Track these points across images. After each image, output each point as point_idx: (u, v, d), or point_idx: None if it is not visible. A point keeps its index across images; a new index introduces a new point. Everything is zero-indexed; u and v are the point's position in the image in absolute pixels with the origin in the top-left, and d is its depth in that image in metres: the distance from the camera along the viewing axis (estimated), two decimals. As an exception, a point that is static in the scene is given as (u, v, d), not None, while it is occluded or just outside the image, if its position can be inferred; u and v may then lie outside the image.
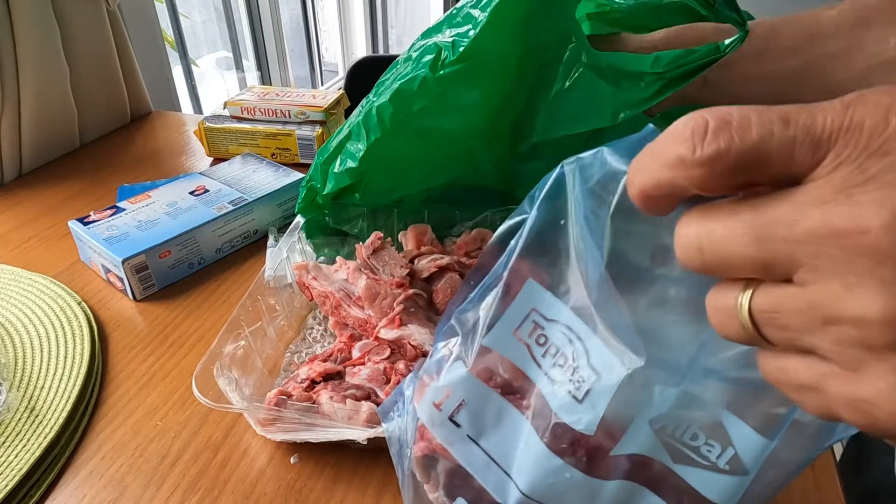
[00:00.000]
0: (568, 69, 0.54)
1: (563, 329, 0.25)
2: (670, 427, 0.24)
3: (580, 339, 0.24)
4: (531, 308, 0.26)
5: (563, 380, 0.25)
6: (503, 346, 0.27)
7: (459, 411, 0.28)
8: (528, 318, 0.26)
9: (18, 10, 0.76)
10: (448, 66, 0.50)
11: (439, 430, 0.29)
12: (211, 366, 0.42)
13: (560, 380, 0.25)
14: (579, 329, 0.24)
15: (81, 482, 0.42)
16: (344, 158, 0.55)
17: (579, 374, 0.24)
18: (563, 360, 0.25)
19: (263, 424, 0.41)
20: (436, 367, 0.30)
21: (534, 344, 0.26)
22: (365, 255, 0.52)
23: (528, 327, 0.26)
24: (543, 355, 0.26)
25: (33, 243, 0.68)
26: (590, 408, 0.24)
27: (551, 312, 0.26)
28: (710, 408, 0.23)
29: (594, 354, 0.24)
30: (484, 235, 0.59)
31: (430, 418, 0.29)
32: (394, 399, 0.34)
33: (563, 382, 0.25)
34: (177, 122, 1.00)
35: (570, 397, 0.24)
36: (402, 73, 0.52)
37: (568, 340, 0.25)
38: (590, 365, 0.24)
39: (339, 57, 2.42)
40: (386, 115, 0.52)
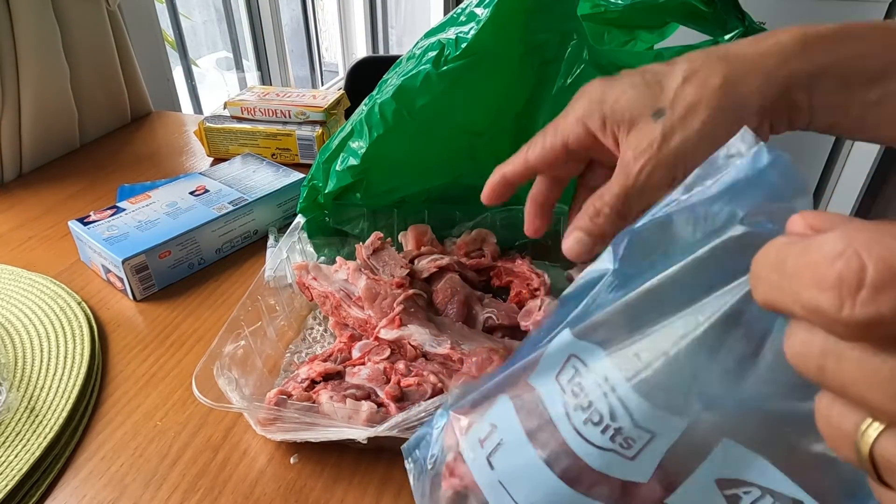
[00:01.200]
0: (570, 66, 0.54)
1: (600, 383, 0.23)
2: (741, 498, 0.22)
3: (620, 398, 0.22)
4: (570, 354, 0.24)
5: (600, 442, 0.23)
6: (545, 388, 0.25)
7: (496, 452, 0.26)
8: (568, 364, 0.24)
9: (18, 10, 0.76)
10: (451, 62, 0.50)
11: (477, 469, 0.27)
12: (211, 366, 0.42)
13: (597, 442, 0.23)
14: (620, 386, 0.22)
15: (81, 482, 0.42)
16: (346, 156, 0.55)
17: (625, 436, 0.22)
18: (598, 417, 0.23)
19: (263, 424, 0.41)
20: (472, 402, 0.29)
21: (569, 394, 0.24)
22: (365, 256, 0.52)
23: (569, 373, 0.24)
24: (575, 409, 0.23)
25: (33, 243, 0.68)
26: (644, 462, 0.22)
27: (591, 360, 0.23)
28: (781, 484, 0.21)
29: (641, 416, 0.22)
30: (484, 236, 0.59)
31: (472, 455, 0.28)
32: (421, 435, 0.32)
33: (601, 444, 0.23)
34: (177, 123, 1.00)
35: (616, 456, 0.22)
36: (405, 71, 0.52)
37: (604, 397, 0.22)
38: (638, 427, 0.22)
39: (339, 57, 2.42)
40: (388, 111, 0.52)
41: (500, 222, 0.60)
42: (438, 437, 0.30)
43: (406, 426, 0.38)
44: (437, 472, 0.30)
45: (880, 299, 0.12)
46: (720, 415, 0.21)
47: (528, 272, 0.55)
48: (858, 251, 0.12)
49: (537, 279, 0.54)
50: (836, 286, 0.13)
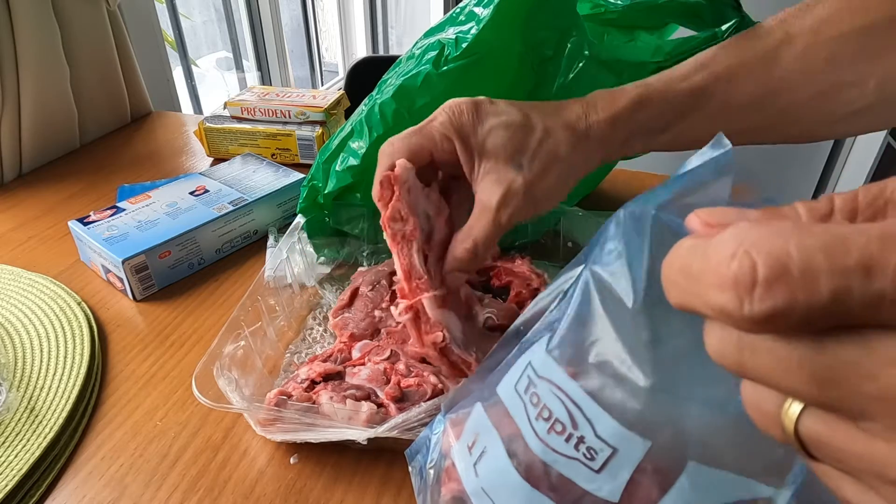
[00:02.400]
0: (571, 62, 0.54)
1: (556, 391, 0.23)
2: None
3: (578, 406, 0.22)
4: (528, 362, 0.24)
5: (566, 450, 0.22)
6: (507, 398, 0.25)
7: (481, 460, 0.26)
8: (524, 373, 0.24)
9: (18, 10, 0.76)
10: (451, 61, 0.50)
11: (465, 476, 0.27)
12: (211, 366, 0.42)
13: (562, 449, 0.22)
14: (576, 395, 0.22)
15: (81, 482, 0.42)
16: (346, 156, 0.55)
17: (588, 445, 0.22)
18: (560, 427, 0.22)
19: (263, 424, 0.41)
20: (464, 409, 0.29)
21: (528, 403, 0.24)
22: None
23: (525, 382, 0.24)
24: (536, 418, 0.23)
25: (33, 243, 0.68)
26: (610, 478, 0.22)
27: (545, 371, 0.23)
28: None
29: (600, 426, 0.22)
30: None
31: (462, 462, 0.28)
32: (422, 440, 0.32)
33: (568, 451, 0.22)
34: (177, 123, 1.00)
35: (582, 466, 0.22)
36: (404, 71, 0.52)
37: (563, 406, 0.22)
38: (598, 437, 0.22)
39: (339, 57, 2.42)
40: (388, 111, 0.52)
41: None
42: (437, 443, 0.30)
43: (406, 427, 0.38)
44: (438, 478, 0.30)
45: (773, 294, 0.13)
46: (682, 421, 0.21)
47: (528, 272, 0.55)
48: (749, 250, 0.13)
49: (537, 279, 0.54)
50: (733, 286, 0.13)
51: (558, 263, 0.60)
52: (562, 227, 0.59)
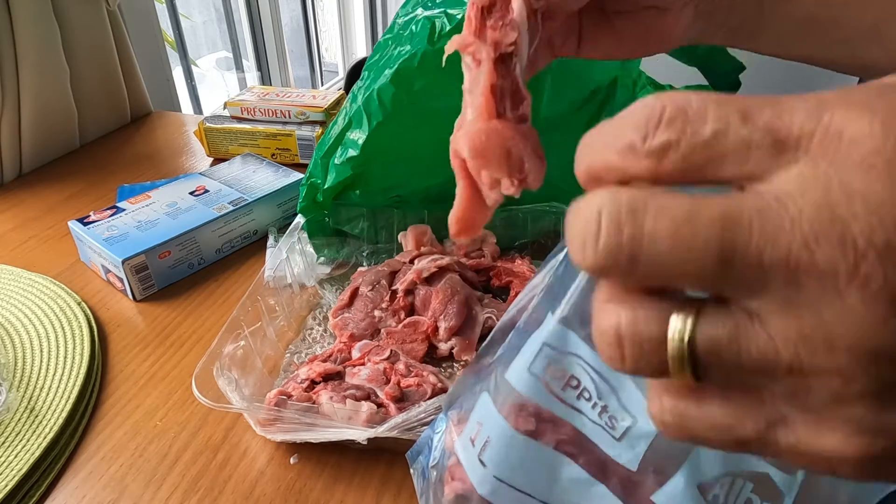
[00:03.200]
0: None
1: (581, 363, 0.23)
2: (720, 493, 0.22)
3: (602, 376, 0.23)
4: (542, 343, 0.24)
5: (592, 415, 0.23)
6: (521, 382, 0.25)
7: (485, 450, 0.27)
8: (540, 354, 0.24)
9: (18, 10, 0.76)
10: (445, 35, 0.49)
11: (471, 469, 0.28)
12: (211, 366, 0.42)
13: (589, 414, 0.23)
14: (600, 365, 0.23)
15: (81, 482, 0.42)
16: (345, 148, 0.55)
17: (610, 414, 0.23)
18: (588, 395, 0.23)
19: (263, 425, 0.41)
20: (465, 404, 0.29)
21: (550, 379, 0.24)
22: None
23: (542, 363, 0.24)
24: (563, 388, 0.24)
25: (33, 243, 0.68)
26: (629, 447, 0.23)
27: (568, 346, 0.24)
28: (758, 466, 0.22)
29: (624, 395, 0.22)
30: (484, 236, 0.59)
31: (466, 456, 0.28)
32: (423, 440, 0.32)
33: (594, 417, 0.23)
34: (177, 123, 1.00)
35: (605, 433, 0.23)
36: (393, 54, 0.51)
37: (588, 376, 0.23)
38: (622, 405, 0.22)
39: (339, 57, 2.42)
40: (387, 97, 0.51)
41: (500, 222, 0.60)
42: (440, 442, 0.30)
43: (406, 427, 0.38)
44: (440, 477, 0.30)
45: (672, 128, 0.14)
46: None
47: (528, 272, 0.55)
48: (662, 99, 0.15)
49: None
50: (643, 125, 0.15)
51: (558, 263, 0.60)
52: (562, 228, 0.59)
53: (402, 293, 0.52)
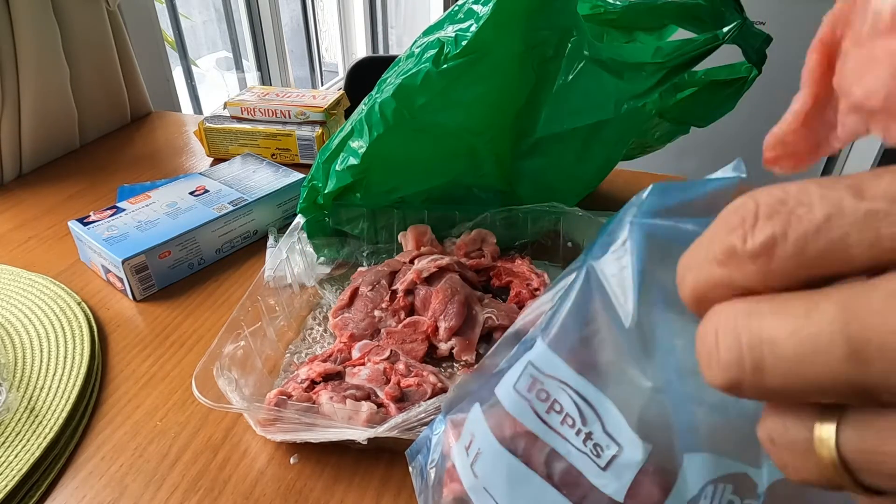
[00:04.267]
0: (570, 62, 0.54)
1: (565, 388, 0.23)
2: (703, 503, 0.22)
3: (587, 401, 0.22)
4: (528, 362, 0.24)
5: (577, 443, 0.23)
6: (507, 399, 0.25)
7: (476, 461, 0.27)
8: (524, 373, 0.24)
9: (18, 10, 0.76)
10: (451, 59, 0.50)
11: (465, 477, 0.27)
12: (211, 366, 0.42)
13: (574, 441, 0.23)
14: (585, 390, 0.22)
15: (81, 482, 0.42)
16: (346, 156, 0.55)
17: (595, 442, 0.22)
18: (571, 421, 0.23)
19: (263, 425, 0.41)
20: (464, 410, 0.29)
21: (535, 400, 0.24)
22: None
23: (526, 381, 0.24)
24: (547, 412, 0.23)
25: (33, 243, 0.68)
26: (615, 477, 0.22)
27: (549, 368, 0.23)
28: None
29: (610, 423, 0.22)
30: (484, 236, 0.59)
31: (461, 463, 0.28)
32: (422, 440, 0.32)
33: (578, 445, 0.23)
34: (177, 123, 1.00)
35: (591, 462, 0.23)
36: (404, 70, 0.52)
37: (572, 401, 0.23)
38: (606, 433, 0.22)
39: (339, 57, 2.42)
40: (388, 110, 0.52)
41: (500, 222, 0.60)
42: (438, 443, 0.30)
43: (406, 427, 0.38)
44: (439, 478, 0.30)
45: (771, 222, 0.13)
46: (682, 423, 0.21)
47: (528, 272, 0.55)
48: (753, 195, 0.13)
49: (537, 279, 0.54)
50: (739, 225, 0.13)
51: (558, 263, 0.60)
52: (561, 227, 0.59)
53: (402, 293, 0.52)
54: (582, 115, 0.55)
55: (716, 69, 0.60)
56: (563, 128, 0.56)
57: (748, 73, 0.57)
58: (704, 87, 0.59)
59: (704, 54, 0.52)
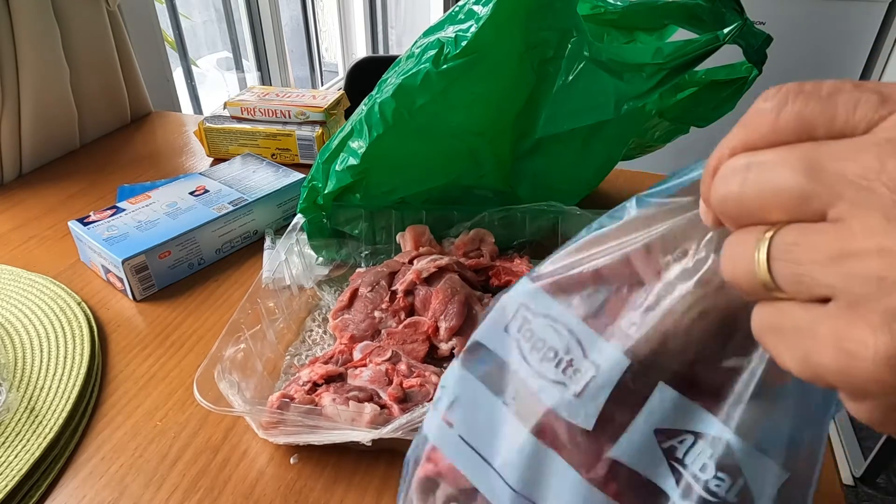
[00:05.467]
0: (570, 63, 0.54)
1: (552, 323, 0.24)
2: (678, 448, 0.23)
3: (573, 332, 0.24)
4: (520, 303, 0.26)
5: (554, 376, 0.24)
6: (493, 341, 0.26)
7: (452, 409, 0.27)
8: (517, 314, 0.25)
9: (18, 10, 0.76)
10: (451, 60, 0.50)
11: (437, 436, 0.28)
12: (212, 369, 0.42)
13: (551, 376, 0.24)
14: (573, 323, 0.24)
15: (81, 482, 0.42)
16: (346, 156, 0.55)
17: (575, 367, 0.23)
18: (553, 353, 0.24)
19: (266, 428, 0.41)
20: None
21: (521, 339, 0.25)
22: None
23: (517, 322, 0.25)
24: (531, 350, 0.25)
25: (33, 243, 0.68)
26: (589, 400, 0.23)
27: (542, 307, 0.25)
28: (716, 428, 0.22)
29: (593, 350, 0.23)
30: (482, 236, 0.59)
31: (434, 427, 0.28)
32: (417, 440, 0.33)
33: (555, 377, 0.24)
34: (177, 123, 1.00)
35: (565, 392, 0.24)
36: (404, 70, 0.52)
37: (556, 333, 0.24)
38: (589, 359, 0.23)
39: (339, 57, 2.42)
40: (388, 111, 0.52)
41: (498, 222, 0.60)
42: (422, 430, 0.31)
43: (411, 427, 0.38)
44: (417, 462, 0.30)
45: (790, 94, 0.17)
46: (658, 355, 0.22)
47: (527, 271, 0.55)
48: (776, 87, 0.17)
49: (537, 280, 0.54)
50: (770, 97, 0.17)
51: (558, 264, 0.60)
52: (560, 227, 0.59)
53: (401, 294, 0.52)
54: (582, 116, 0.55)
55: (716, 69, 0.60)
56: (563, 128, 0.56)
57: (748, 73, 0.58)
58: (704, 86, 0.59)
59: (705, 55, 0.52)
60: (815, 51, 1.88)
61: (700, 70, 0.59)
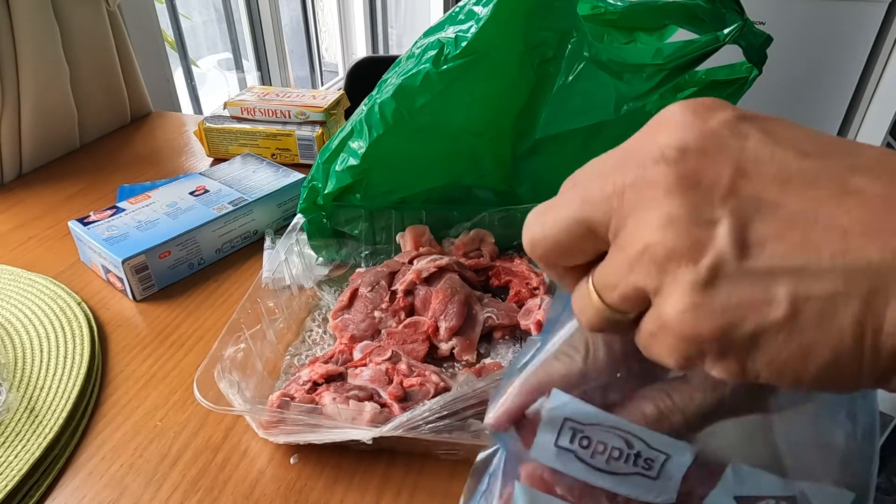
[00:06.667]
0: (570, 63, 0.54)
1: (602, 429, 0.25)
2: None
3: (625, 431, 0.24)
4: (564, 418, 0.26)
5: (626, 469, 0.25)
6: (550, 457, 0.26)
7: None
8: (563, 428, 0.26)
9: (18, 10, 0.76)
10: (451, 60, 0.50)
11: None
12: (212, 369, 0.42)
13: (623, 469, 0.25)
14: (620, 424, 0.24)
15: (81, 482, 0.42)
16: (346, 156, 0.55)
17: (645, 457, 0.24)
18: (617, 452, 0.25)
19: (266, 427, 0.41)
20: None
21: (578, 448, 0.25)
22: None
23: (567, 435, 0.25)
24: (592, 456, 0.25)
25: (33, 243, 0.68)
26: (666, 480, 0.24)
27: (584, 417, 0.25)
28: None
29: (652, 440, 0.24)
30: (482, 236, 0.59)
31: None
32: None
33: (629, 470, 0.25)
34: (177, 123, 1.00)
35: (642, 479, 0.24)
36: (404, 70, 0.52)
37: (614, 435, 0.25)
38: (653, 448, 0.24)
39: (339, 57, 2.42)
40: (388, 111, 0.52)
41: (498, 222, 0.60)
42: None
43: (411, 426, 0.38)
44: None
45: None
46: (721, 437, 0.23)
47: (527, 271, 0.55)
48: None
49: (536, 278, 0.54)
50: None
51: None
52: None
53: (401, 293, 0.52)
54: (582, 116, 0.55)
55: (716, 69, 0.60)
56: (563, 128, 0.56)
57: (748, 73, 0.57)
58: (705, 87, 0.59)
59: (705, 56, 0.51)
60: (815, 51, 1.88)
61: (700, 70, 0.58)
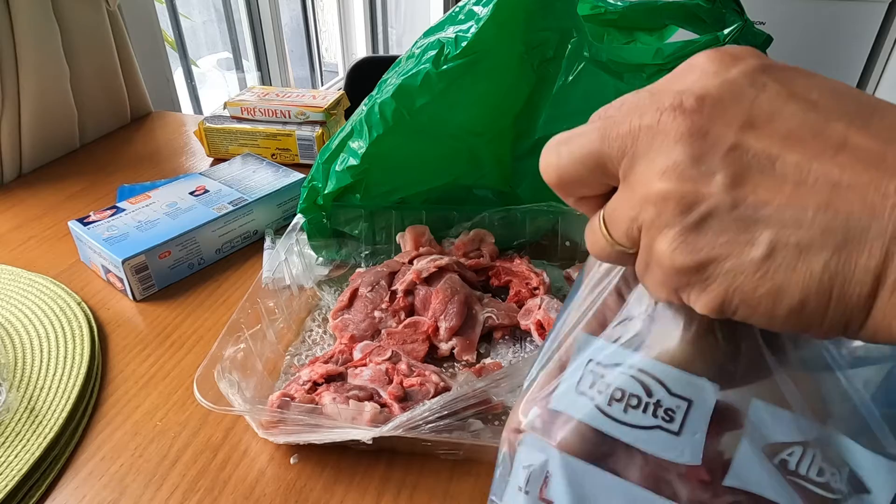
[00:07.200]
0: (570, 63, 0.54)
1: (626, 370, 0.24)
2: (789, 461, 0.22)
3: (646, 372, 0.23)
4: (588, 359, 0.25)
5: (645, 421, 0.23)
6: (569, 404, 0.25)
7: (547, 487, 0.26)
8: (586, 370, 0.24)
9: (18, 10, 0.76)
10: (451, 60, 0.50)
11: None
12: (212, 369, 0.42)
13: (642, 422, 0.23)
14: (643, 364, 0.23)
15: (81, 482, 0.42)
16: (346, 156, 0.55)
17: (665, 407, 0.23)
18: (636, 400, 0.23)
19: (266, 427, 0.41)
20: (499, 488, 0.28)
21: (596, 395, 0.24)
22: None
23: (588, 380, 0.24)
24: (609, 404, 0.24)
25: (33, 243, 0.68)
26: (690, 436, 0.22)
27: (607, 358, 0.24)
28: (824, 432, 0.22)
29: (673, 383, 0.23)
30: (482, 236, 0.59)
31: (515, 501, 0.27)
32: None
33: (647, 423, 0.23)
34: (177, 123, 1.00)
35: (662, 432, 0.23)
36: (404, 70, 0.52)
37: (632, 379, 0.23)
38: (673, 395, 0.23)
39: (339, 57, 2.42)
40: (388, 111, 0.52)
41: (498, 222, 0.60)
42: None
43: (411, 425, 0.38)
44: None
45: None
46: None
47: (527, 271, 0.55)
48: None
49: (536, 278, 0.54)
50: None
51: (556, 263, 0.60)
52: (559, 227, 0.59)
53: (401, 293, 0.52)
54: (582, 116, 0.55)
55: (716, 69, 0.59)
56: (562, 129, 0.56)
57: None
58: (704, 87, 0.59)
59: None
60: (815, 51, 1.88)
61: (700, 70, 0.58)
